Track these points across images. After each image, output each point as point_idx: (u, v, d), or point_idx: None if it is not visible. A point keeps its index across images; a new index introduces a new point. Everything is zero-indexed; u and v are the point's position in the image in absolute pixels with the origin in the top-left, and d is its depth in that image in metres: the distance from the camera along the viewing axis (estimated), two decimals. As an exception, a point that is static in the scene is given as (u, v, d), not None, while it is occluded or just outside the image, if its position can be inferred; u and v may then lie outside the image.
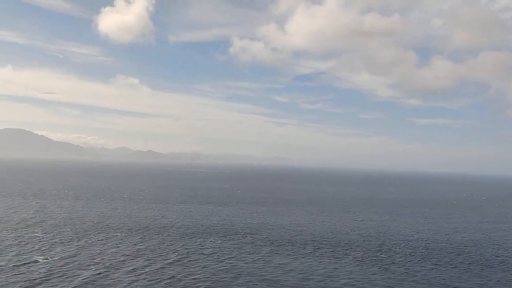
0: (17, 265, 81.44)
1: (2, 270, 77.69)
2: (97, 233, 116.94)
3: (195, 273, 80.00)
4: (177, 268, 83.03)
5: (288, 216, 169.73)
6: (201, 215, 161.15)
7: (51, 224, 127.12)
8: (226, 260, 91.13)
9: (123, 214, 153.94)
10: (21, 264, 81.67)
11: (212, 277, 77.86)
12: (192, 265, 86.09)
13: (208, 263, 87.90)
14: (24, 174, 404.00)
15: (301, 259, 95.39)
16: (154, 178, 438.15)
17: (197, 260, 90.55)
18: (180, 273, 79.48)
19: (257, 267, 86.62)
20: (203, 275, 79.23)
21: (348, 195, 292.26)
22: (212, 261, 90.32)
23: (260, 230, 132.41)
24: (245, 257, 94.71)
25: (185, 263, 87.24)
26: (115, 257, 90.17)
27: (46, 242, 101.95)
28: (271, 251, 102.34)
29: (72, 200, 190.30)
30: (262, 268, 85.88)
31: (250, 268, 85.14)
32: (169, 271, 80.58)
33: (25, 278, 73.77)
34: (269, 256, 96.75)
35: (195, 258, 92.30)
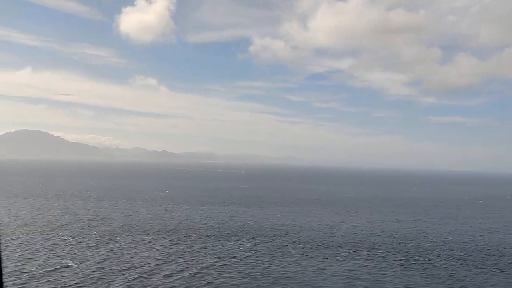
0: (49, 270, 79.22)
1: (34, 275, 75.49)
2: (124, 236, 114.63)
3: (232, 278, 76.98)
4: (213, 273, 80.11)
5: (313, 217, 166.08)
6: (226, 216, 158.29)
7: (77, 227, 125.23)
8: (261, 264, 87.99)
9: (148, 216, 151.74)
10: (53, 270, 79.44)
11: (251, 282, 74.73)
12: (228, 269, 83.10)
13: (243, 268, 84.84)
14: (42, 175, 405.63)
15: (338, 263, 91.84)
16: (172, 178, 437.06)
17: (232, 264, 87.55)
18: (217, 278, 76.51)
19: (295, 271, 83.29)
20: (241, 280, 76.18)
21: (369, 195, 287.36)
22: (247, 265, 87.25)
23: (289, 232, 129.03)
24: (280, 261, 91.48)
25: (220, 268, 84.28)
26: (147, 262, 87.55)
27: (74, 246, 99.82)
28: (305, 254, 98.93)
29: (95, 202, 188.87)
30: (300, 272, 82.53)
31: (288, 273, 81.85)
32: (205, 276, 77.69)
33: (58, 284, 71.42)
34: (305, 260, 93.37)
35: (229, 262, 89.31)
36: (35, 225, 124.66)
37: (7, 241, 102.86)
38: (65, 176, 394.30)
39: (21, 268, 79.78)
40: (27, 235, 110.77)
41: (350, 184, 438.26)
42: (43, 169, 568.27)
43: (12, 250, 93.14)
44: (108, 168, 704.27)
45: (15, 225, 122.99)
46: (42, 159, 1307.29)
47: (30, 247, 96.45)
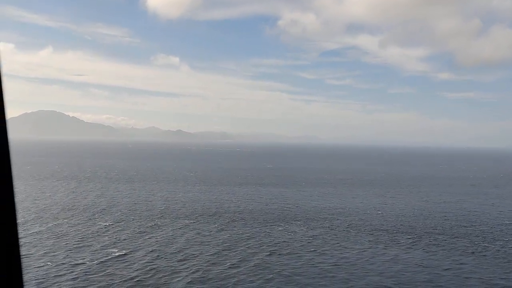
0: (101, 261, 74.50)
1: (89, 269, 70.80)
2: (169, 221, 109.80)
3: (302, 268, 71.36)
4: (279, 262, 74.62)
5: (354, 198, 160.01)
6: (264, 198, 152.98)
7: (117, 211, 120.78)
8: (326, 252, 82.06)
9: (185, 199, 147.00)
10: (106, 261, 74.59)
11: (329, 273, 68.85)
12: (293, 258, 77.45)
13: (309, 256, 79.04)
14: (66, 156, 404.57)
15: (406, 250, 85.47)
16: (193, 158, 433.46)
17: (294, 252, 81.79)
18: (287, 269, 70.96)
19: (368, 260, 77.18)
20: (313, 270, 70.46)
21: (399, 174, 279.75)
22: (311, 252, 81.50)
23: (336, 215, 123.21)
24: (344, 248, 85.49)
25: (285, 256, 78.68)
26: (202, 250, 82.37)
27: (120, 233, 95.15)
28: (367, 240, 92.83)
29: (126, 183, 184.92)
30: (373, 262, 76.45)
31: (360, 262, 75.76)
32: (272, 266, 72.19)
33: (117, 277, 66.62)
34: (370, 247, 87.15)
35: (290, 250, 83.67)
36: (75, 210, 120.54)
37: (50, 228, 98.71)
38: (89, 157, 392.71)
39: (72, 260, 75.25)
40: (69, 220, 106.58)
41: (373, 162, 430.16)
42: (65, 150, 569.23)
43: (58, 238, 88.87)
44: (127, 148, 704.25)
45: (55, 210, 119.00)
46: (60, 140, 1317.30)
47: (75, 235, 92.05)
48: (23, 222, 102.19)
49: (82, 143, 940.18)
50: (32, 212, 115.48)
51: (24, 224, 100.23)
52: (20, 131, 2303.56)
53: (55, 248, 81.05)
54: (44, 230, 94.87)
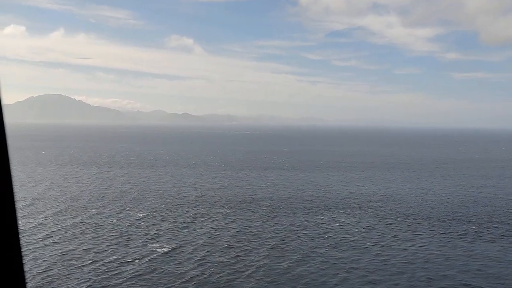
0: (150, 258, 68.69)
1: (137, 267, 65.00)
2: (206, 210, 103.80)
3: (373, 265, 65.11)
4: (345, 257, 68.32)
5: (386, 183, 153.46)
6: (295, 184, 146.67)
7: (148, 200, 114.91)
8: (392, 245, 75.49)
9: (214, 185, 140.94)
10: (153, 257, 68.78)
11: (405, 271, 62.46)
12: (358, 253, 71.08)
13: (375, 250, 72.62)
14: (79, 140, 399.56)
15: (475, 242, 78.91)
16: (205, 141, 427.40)
17: (356, 245, 75.41)
18: (358, 266, 64.73)
19: (445, 254, 70.75)
20: (386, 267, 64.15)
21: (421, 157, 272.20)
22: (376, 246, 75.10)
23: (378, 202, 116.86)
24: (408, 240, 78.97)
25: (349, 251, 72.31)
26: (258, 244, 76.26)
27: (159, 225, 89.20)
28: (426, 230, 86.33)
29: (149, 169, 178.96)
30: (454, 256, 69.89)
31: (439, 259, 69.26)
32: (342, 263, 65.95)
33: (169, 277, 60.77)
34: (435, 239, 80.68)
35: (350, 242, 77.37)
36: (104, 199, 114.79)
37: (83, 221, 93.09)
38: (102, 141, 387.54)
39: (118, 257, 69.52)
40: (101, 211, 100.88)
41: (389, 144, 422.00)
42: (75, 134, 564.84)
43: (95, 231, 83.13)
44: (137, 131, 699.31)
45: (84, 199, 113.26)
46: (68, 123, 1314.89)
47: (112, 228, 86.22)
48: (56, 213, 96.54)
49: (91, 127, 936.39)
50: (61, 201, 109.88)
51: (57, 215, 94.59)
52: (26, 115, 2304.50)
53: (96, 243, 75.25)
54: (78, 223, 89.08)
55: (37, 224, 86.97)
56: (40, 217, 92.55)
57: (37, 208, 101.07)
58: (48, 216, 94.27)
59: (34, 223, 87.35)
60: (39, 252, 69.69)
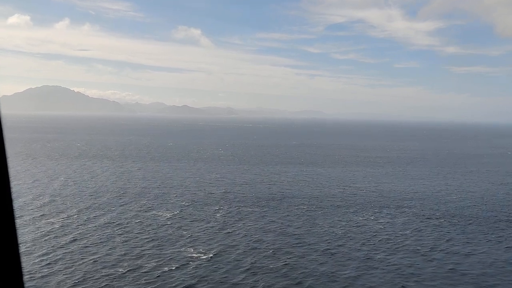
0: (192, 267, 62.65)
1: (173, 276, 58.93)
2: (236, 209, 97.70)
3: (441, 272, 59.12)
4: (408, 265, 62.38)
5: (412, 179, 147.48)
6: (318, 180, 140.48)
7: (172, 198, 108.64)
8: (454, 249, 69.50)
9: (237, 181, 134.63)
10: (185, 264, 62.77)
11: (484, 283, 56.54)
12: (420, 260, 65.06)
13: (437, 255, 66.59)
14: (85, 133, 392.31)
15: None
16: (211, 135, 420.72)
17: (416, 250, 69.39)
18: (425, 275, 58.71)
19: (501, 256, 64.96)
20: (458, 277, 58.19)
21: (436, 150, 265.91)
22: (435, 251, 69.16)
23: (415, 201, 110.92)
24: (467, 244, 72.95)
25: (410, 258, 66.20)
26: (307, 250, 70.20)
27: (191, 227, 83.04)
28: (490, 235, 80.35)
29: (164, 163, 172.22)
30: None
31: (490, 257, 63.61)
32: (407, 271, 59.94)
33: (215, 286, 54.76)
34: (499, 243, 74.80)
35: (407, 247, 71.28)
36: (126, 196, 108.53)
37: (109, 222, 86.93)
38: (107, 134, 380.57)
39: (155, 266, 63.46)
40: (126, 209, 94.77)
41: (398, 138, 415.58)
42: (77, 126, 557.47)
43: (125, 235, 77.00)
44: (140, 124, 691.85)
45: (104, 197, 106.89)
46: (68, 115, 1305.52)
47: (141, 230, 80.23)
48: (78, 212, 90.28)
49: (92, 119, 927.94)
50: (80, 199, 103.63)
51: (79, 215, 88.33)
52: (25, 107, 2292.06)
53: (127, 248, 69.08)
54: (103, 224, 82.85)
55: (60, 225, 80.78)
56: (62, 217, 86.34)
57: (57, 207, 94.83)
58: (70, 215, 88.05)
59: (57, 224, 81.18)
60: (68, 259, 63.54)
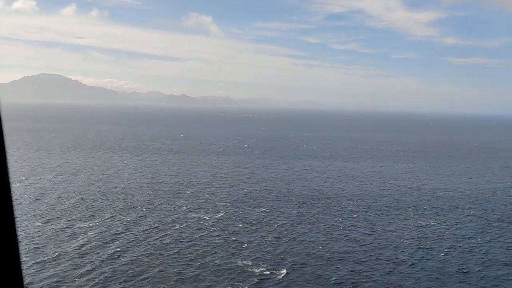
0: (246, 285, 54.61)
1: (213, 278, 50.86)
2: (282, 209, 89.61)
3: None
4: (497, 279, 54.62)
5: (449, 175, 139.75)
6: (351, 176, 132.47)
7: (205, 196, 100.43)
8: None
9: (269, 177, 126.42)
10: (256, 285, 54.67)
11: None
12: (504, 274, 57.33)
13: None
14: (90, 123, 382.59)
15: None
16: (218, 125, 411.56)
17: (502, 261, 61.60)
18: None
19: None
20: None
21: (458, 144, 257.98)
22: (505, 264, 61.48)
23: (463, 201, 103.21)
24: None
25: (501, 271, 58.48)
26: (371, 256, 62.31)
27: (241, 234, 74.69)
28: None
29: (183, 156, 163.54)
30: None
31: None
32: None
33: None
34: None
35: (489, 256, 63.50)
36: (158, 195, 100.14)
37: (142, 224, 78.79)
38: (112, 124, 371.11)
39: (208, 281, 55.36)
40: (157, 211, 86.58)
41: (408, 130, 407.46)
42: (81, 115, 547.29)
43: (163, 240, 68.96)
44: (142, 113, 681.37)
45: (132, 195, 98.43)
46: (69, 104, 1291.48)
47: (180, 235, 72.29)
48: (110, 213, 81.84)
49: (93, 108, 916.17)
50: (111, 199, 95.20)
51: (113, 216, 79.88)
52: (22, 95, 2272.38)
53: (175, 263, 60.79)
54: (140, 229, 74.57)
55: (96, 231, 72.35)
56: (96, 221, 77.88)
57: (86, 207, 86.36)
58: (104, 219, 79.60)
59: (92, 231, 72.72)
60: (108, 274, 55.16)
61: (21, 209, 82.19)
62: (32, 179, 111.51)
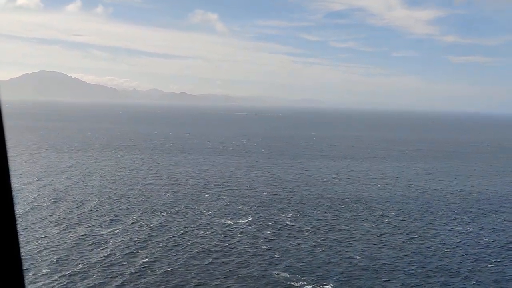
0: None
1: None
2: (296, 210, 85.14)
3: None
4: None
5: (468, 176, 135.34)
6: (370, 177, 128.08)
7: (227, 199, 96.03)
8: None
9: (287, 178, 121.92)
10: None
11: None
12: None
13: None
14: (97, 121, 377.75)
15: None
16: (221, 124, 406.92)
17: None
18: None
19: None
20: None
21: (475, 144, 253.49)
22: None
23: (493, 204, 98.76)
24: None
25: None
26: (432, 268, 57.86)
27: (277, 244, 70.47)
28: None
29: (195, 155, 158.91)
30: None
31: None
32: None
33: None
34: None
35: None
36: (177, 197, 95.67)
37: (166, 231, 74.34)
38: (117, 122, 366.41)
39: None
40: (183, 216, 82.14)
41: (417, 129, 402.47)
42: (85, 113, 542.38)
43: (191, 250, 64.47)
44: (145, 112, 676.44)
45: (154, 196, 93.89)
46: (68, 102, 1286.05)
47: (215, 246, 67.78)
48: (137, 219, 77.28)
49: (97, 106, 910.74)
50: (130, 202, 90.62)
51: (135, 221, 75.35)
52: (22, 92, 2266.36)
53: (210, 275, 56.44)
54: (171, 240, 70.02)
55: (119, 239, 67.87)
56: (118, 227, 73.38)
57: (106, 211, 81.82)
58: (125, 222, 75.09)
59: (116, 234, 68.27)
60: (142, 283, 50.88)
61: (36, 213, 77.77)
62: (45, 180, 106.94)
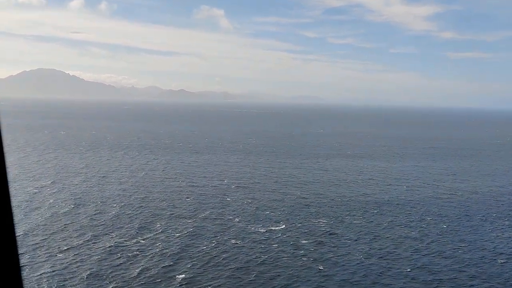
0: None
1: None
2: (326, 215, 79.87)
3: None
4: None
5: (488, 175, 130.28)
6: (393, 177, 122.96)
7: (245, 202, 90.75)
8: None
9: (308, 179, 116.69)
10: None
11: None
12: None
13: None
14: (101, 119, 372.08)
15: None
16: (224, 121, 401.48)
17: None
18: None
19: None
20: None
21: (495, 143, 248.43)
22: None
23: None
24: None
25: None
26: (494, 287, 52.69)
27: (317, 255, 65.28)
28: None
29: (209, 155, 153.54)
30: None
31: None
32: None
33: None
34: None
35: None
36: (199, 202, 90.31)
37: (202, 250, 69.01)
38: (121, 120, 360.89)
39: None
40: (209, 222, 76.75)
41: (427, 126, 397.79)
42: (86, 111, 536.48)
43: (228, 257, 59.29)
44: (146, 110, 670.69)
45: (174, 201, 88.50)
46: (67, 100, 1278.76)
47: (254, 260, 62.52)
48: (164, 228, 71.84)
49: (98, 104, 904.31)
50: (151, 207, 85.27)
51: (167, 230, 69.91)
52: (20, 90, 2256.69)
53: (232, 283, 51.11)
54: (205, 253, 64.65)
55: (152, 248, 62.50)
56: (146, 236, 67.96)
57: (131, 218, 76.38)
58: (152, 230, 69.69)
59: (145, 246, 62.89)
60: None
61: (56, 221, 72.39)
62: (59, 183, 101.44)
